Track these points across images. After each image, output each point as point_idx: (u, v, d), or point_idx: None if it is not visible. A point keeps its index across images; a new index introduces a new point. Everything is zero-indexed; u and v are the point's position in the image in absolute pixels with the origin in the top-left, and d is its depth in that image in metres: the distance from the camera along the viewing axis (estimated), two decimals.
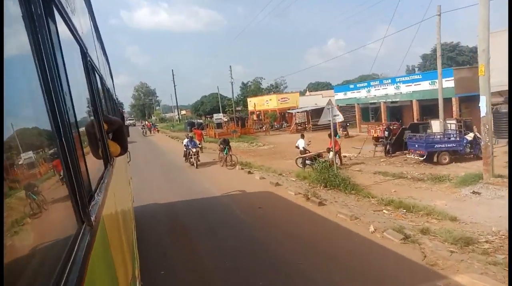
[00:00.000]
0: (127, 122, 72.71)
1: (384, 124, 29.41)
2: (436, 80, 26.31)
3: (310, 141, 18.74)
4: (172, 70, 74.24)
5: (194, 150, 19.41)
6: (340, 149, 18.06)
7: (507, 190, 11.06)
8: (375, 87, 33.09)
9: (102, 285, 1.59)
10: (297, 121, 45.11)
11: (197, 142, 20.83)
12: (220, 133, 38.62)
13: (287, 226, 8.96)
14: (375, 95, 33.09)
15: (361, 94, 34.90)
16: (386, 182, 14.35)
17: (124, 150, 3.66)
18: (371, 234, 8.07)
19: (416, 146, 17.54)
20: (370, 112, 39.12)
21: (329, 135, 18.56)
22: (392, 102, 32.77)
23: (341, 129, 33.61)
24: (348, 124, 35.47)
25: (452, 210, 9.98)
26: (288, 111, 49.27)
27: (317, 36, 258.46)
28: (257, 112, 58.61)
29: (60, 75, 1.41)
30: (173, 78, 73.96)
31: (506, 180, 11.76)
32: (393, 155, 20.39)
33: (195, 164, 19.29)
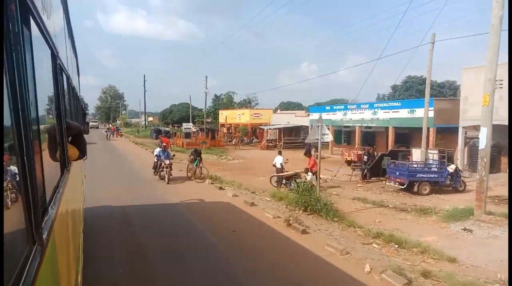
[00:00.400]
0: (90, 123, 69.74)
1: (358, 149, 28.88)
2: (415, 109, 26.18)
3: (287, 159, 17.59)
4: (144, 75, 71.87)
5: (167, 162, 16.58)
6: (317, 170, 17.02)
7: (501, 229, 10.29)
8: (352, 110, 32.69)
9: None
10: (268, 137, 44.14)
11: (171, 153, 17.89)
12: (188, 143, 36.98)
13: (267, 259, 7.61)
14: (351, 119, 32.68)
15: (337, 116, 34.42)
16: (368, 210, 13.37)
17: (82, 154, 3.54)
18: (367, 274, 6.89)
19: (397, 173, 16.78)
20: (343, 135, 38.76)
21: (307, 155, 17.53)
22: (366, 127, 32.42)
23: (313, 149, 32.84)
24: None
25: (447, 248, 9.01)
26: (260, 127, 48.31)
27: (291, 59, 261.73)
28: (228, 125, 57.42)
29: (27, 76, 1.38)
30: (144, 83, 71.58)
31: (498, 218, 11.01)
32: (369, 180, 19.59)
33: (166, 178, 16.44)
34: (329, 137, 12.49)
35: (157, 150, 18.22)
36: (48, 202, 1.87)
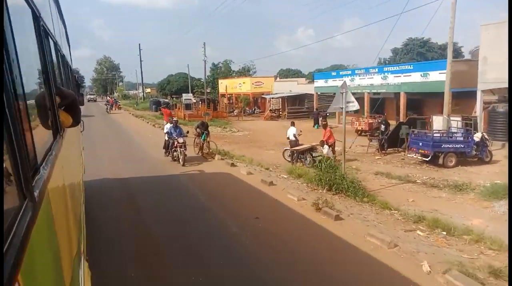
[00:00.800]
0: (87, 96, 67.87)
1: (368, 117, 27.56)
2: (429, 72, 24.67)
3: (301, 131, 16.28)
4: (139, 44, 69.24)
5: (180, 140, 14.20)
6: (334, 142, 15.81)
7: None
8: (360, 75, 31.09)
9: (43, 262, 1.50)
10: (271, 107, 42.65)
11: (184, 130, 15.68)
12: (190, 115, 35.53)
13: (301, 258, 6.49)
14: (359, 85, 31.10)
15: None
16: (395, 187, 12.22)
17: (76, 121, 3.45)
18: (428, 275, 5.78)
19: (420, 144, 15.54)
20: None
21: (323, 125, 16.27)
22: (374, 93, 30.95)
23: (320, 119, 31.54)
24: (328, 114, 33.36)
25: (502, 234, 7.90)
26: (263, 96, 46.72)
27: (287, 24, 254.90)
28: (228, 95, 55.78)
29: (6, 40, 1.33)
30: (140, 52, 69.03)
31: None
32: (387, 152, 18.42)
33: (181, 160, 14.21)
34: (354, 105, 11.13)
35: (168, 126, 15.77)
36: (40, 163, 1.87)
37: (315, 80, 37.69)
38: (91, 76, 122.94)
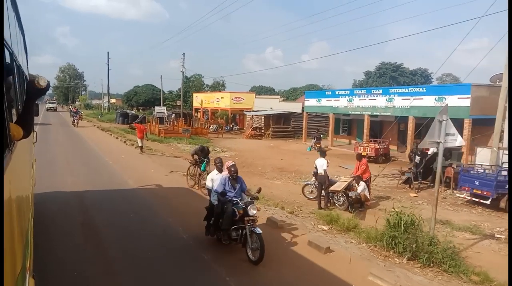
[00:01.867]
0: (46, 104, 61.91)
1: (377, 142, 24.46)
2: (445, 96, 22.02)
3: (329, 162, 12.69)
4: (108, 52, 64.38)
5: (253, 212, 7.01)
6: (370, 177, 12.41)
7: None
8: (360, 96, 28.20)
9: None
10: (253, 125, 39.12)
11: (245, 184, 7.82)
12: (166, 131, 31.31)
13: None
14: (358, 106, 28.21)
15: (340, 103, 29.86)
16: (477, 246, 8.88)
17: (27, 132, 3.18)
18: None
19: (477, 183, 12.38)
20: (341, 124, 34.40)
21: (358, 157, 12.80)
22: (371, 115, 28.13)
23: (313, 140, 28.33)
24: (322, 135, 30.20)
25: None
26: (245, 113, 43.20)
27: (257, 43, 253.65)
28: (202, 110, 51.95)
29: None
30: (108, 61, 64.23)
31: None
32: (420, 187, 15.20)
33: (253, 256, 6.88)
34: (456, 140, 7.70)
35: (214, 177, 8.12)
36: None
37: (306, 99, 34.61)
38: (52, 84, 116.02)
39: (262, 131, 38.33)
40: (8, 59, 3.24)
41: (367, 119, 27.47)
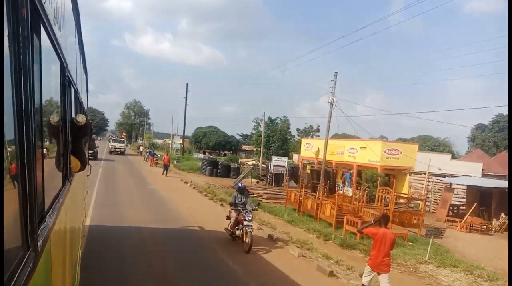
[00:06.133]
0: (109, 144, 49.05)
1: None
2: None
3: None
4: (187, 84, 51.74)
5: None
6: None
7: None
8: None
9: None
10: (452, 202, 22.11)
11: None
12: (347, 213, 15.14)
13: None
14: None
15: None
16: None
17: (83, 165, 3.48)
18: None
19: None
20: None
21: None
22: None
23: None
24: None
25: None
26: (405, 171, 26.66)
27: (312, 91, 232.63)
28: (317, 162, 36.24)
29: (34, 87, 1.38)
30: (186, 93, 51.43)
31: None
32: None
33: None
34: None
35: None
36: (47, 210, 1.85)
37: None
38: (116, 120, 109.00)
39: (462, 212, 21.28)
40: (72, 96, 3.50)
41: None
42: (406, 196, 24.09)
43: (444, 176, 25.27)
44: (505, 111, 55.08)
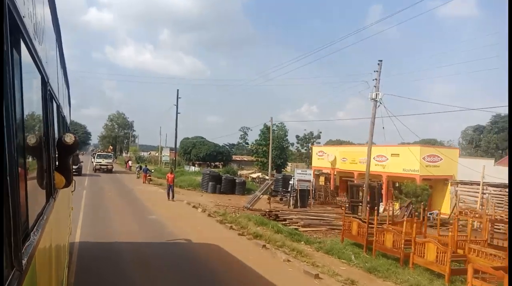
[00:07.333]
0: (94, 160, 42.81)
1: None
2: None
3: None
4: (178, 90, 46.46)
5: None
6: None
7: None
8: None
9: None
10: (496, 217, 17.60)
11: None
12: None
13: None
14: None
15: None
16: None
17: (68, 182, 3.40)
18: None
19: None
20: None
21: None
22: None
23: None
24: None
25: None
26: (449, 181, 22.27)
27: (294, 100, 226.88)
28: (333, 173, 31.79)
29: (15, 102, 1.35)
30: (177, 100, 46.34)
31: None
32: None
33: None
34: None
35: None
36: (31, 228, 1.79)
37: None
38: (99, 133, 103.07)
39: None
40: (55, 111, 3.48)
41: None
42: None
43: (504, 185, 20.90)
44: (504, 111, 52.47)
